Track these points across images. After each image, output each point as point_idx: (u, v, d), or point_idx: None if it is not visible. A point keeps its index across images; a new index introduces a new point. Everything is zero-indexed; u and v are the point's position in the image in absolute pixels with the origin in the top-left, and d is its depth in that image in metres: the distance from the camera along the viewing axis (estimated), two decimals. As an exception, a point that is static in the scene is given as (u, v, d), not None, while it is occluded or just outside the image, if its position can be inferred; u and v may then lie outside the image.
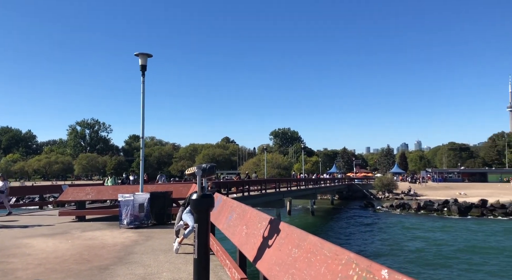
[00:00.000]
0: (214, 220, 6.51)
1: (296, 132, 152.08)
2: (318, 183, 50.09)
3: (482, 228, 31.80)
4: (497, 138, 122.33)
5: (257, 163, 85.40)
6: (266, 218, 3.95)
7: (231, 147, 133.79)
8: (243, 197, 25.24)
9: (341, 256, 2.28)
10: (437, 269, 19.11)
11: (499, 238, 27.51)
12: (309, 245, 2.77)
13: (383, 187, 64.28)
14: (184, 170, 6.96)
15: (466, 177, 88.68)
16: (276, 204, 32.41)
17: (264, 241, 3.64)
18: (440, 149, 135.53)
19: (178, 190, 13.23)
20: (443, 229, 31.46)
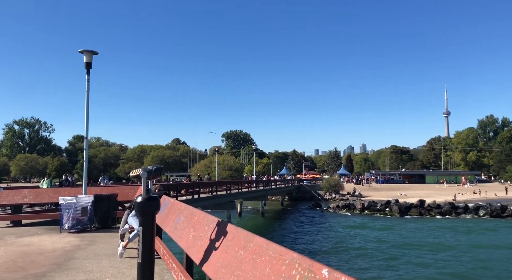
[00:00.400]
0: (161, 223, 6.36)
1: (248, 134, 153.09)
2: (268, 184, 50.67)
3: (420, 227, 33.88)
4: (434, 142, 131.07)
5: (209, 165, 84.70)
6: (213, 220, 3.92)
7: (181, 148, 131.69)
8: (193, 199, 24.88)
9: (285, 257, 2.31)
10: (378, 265, 20.07)
11: (435, 235, 29.47)
12: (255, 246, 2.79)
13: (330, 188, 66.47)
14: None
15: (406, 178, 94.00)
16: (226, 206, 32.32)
17: (211, 244, 3.61)
18: (383, 152, 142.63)
19: (124, 193, 12.77)
20: (385, 228, 33.10)
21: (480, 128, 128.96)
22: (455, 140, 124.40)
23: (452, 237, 28.84)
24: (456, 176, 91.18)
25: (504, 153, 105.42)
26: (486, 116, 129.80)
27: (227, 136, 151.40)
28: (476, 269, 19.25)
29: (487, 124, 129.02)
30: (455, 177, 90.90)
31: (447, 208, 43.60)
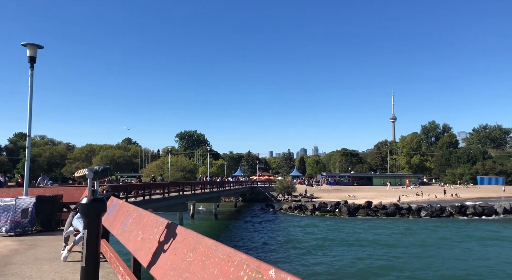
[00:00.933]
0: (108, 225, 6.14)
1: (202, 135, 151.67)
2: (222, 186, 50.50)
3: (366, 226, 35.35)
4: (382, 146, 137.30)
5: (161, 166, 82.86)
6: (163, 222, 3.85)
7: (133, 148, 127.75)
8: (144, 201, 24.27)
9: (234, 258, 2.33)
10: (325, 262, 20.73)
11: (377, 234, 30.93)
12: (205, 248, 2.77)
13: (283, 190, 67.45)
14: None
15: (355, 180, 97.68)
16: (179, 207, 31.82)
17: (159, 246, 3.54)
18: (334, 155, 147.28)
19: (70, 194, 12.18)
20: (333, 229, 34.18)
21: (423, 133, 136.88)
22: (400, 144, 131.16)
23: (392, 235, 30.65)
24: (401, 179, 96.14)
25: (444, 157, 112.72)
26: (429, 122, 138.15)
27: (181, 136, 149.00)
28: (407, 263, 21.22)
29: (430, 130, 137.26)
30: (400, 179, 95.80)
31: (392, 209, 45.82)
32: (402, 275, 18.90)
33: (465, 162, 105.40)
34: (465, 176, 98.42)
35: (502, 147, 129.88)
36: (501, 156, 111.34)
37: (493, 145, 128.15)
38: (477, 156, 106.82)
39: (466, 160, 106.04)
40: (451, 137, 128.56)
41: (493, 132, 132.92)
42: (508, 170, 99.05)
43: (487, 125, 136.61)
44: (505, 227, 35.72)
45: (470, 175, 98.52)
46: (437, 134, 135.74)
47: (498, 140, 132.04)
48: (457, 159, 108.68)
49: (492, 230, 33.45)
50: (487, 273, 19.22)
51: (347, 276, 18.82)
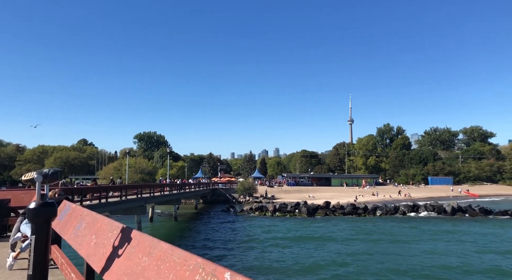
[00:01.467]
0: (60, 230, 5.87)
1: (162, 136, 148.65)
2: (182, 188, 49.78)
3: (324, 226, 36.19)
4: (340, 147, 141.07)
5: (119, 168, 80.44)
6: (118, 226, 3.73)
7: (88, 150, 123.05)
8: (100, 204, 23.45)
9: (190, 262, 2.30)
10: (284, 263, 20.95)
11: (335, 231, 31.74)
12: (160, 252, 2.72)
13: (245, 191, 67.58)
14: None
15: (314, 181, 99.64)
16: (137, 210, 31.01)
17: (114, 251, 3.43)
18: (295, 156, 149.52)
19: (19, 198, 11.51)
20: (292, 229, 34.72)
21: (379, 135, 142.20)
22: (357, 145, 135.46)
23: (347, 234, 31.86)
24: (358, 179, 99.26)
25: (398, 158, 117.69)
26: (384, 125, 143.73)
27: (140, 137, 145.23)
28: (358, 259, 22.32)
29: (385, 132, 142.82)
30: (357, 180, 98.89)
31: (349, 209, 47.20)
32: (350, 270, 19.90)
33: (417, 163, 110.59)
34: (417, 176, 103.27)
35: (451, 148, 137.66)
36: (450, 157, 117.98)
37: (442, 147, 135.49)
38: (428, 157, 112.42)
39: (418, 161, 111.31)
40: (405, 139, 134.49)
41: (442, 134, 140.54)
42: (456, 170, 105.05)
43: (437, 128, 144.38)
44: (453, 224, 37.85)
45: (422, 175, 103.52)
46: (391, 136, 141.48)
47: (447, 142, 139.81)
48: (410, 160, 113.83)
49: (441, 227, 35.34)
50: (430, 265, 20.30)
51: (302, 272, 19.58)
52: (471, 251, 24.81)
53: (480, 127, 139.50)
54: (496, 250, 25.17)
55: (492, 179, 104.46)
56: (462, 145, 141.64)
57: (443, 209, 45.97)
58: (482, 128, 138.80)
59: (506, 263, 21.49)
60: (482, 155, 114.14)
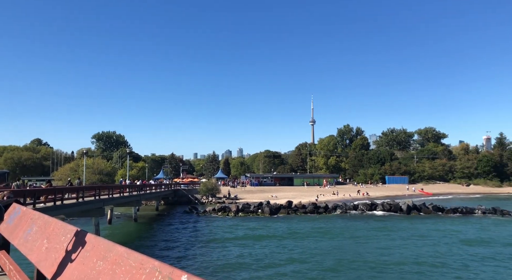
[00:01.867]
0: (8, 235, 5.55)
1: (122, 136, 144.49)
2: (143, 189, 48.61)
3: (286, 225, 36.63)
4: (302, 147, 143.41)
5: (75, 169, 77.30)
6: (71, 230, 3.59)
7: (43, 150, 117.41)
8: (55, 206, 22.43)
9: (146, 265, 2.25)
10: (243, 262, 21.06)
11: (294, 229, 32.27)
12: (116, 256, 2.64)
13: (208, 192, 67.06)
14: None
15: (277, 181, 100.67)
16: (95, 213, 29.91)
17: (67, 256, 3.30)
18: (258, 156, 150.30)
19: (-37, 201, 10.76)
20: (255, 228, 34.91)
21: (339, 136, 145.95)
22: (319, 146, 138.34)
23: (306, 232, 32.56)
24: (319, 179, 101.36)
25: (357, 158, 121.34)
26: (344, 126, 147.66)
27: (98, 137, 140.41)
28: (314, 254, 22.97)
29: (345, 133, 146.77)
30: (318, 179, 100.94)
31: (311, 208, 48.07)
32: (307, 266, 20.51)
33: (375, 163, 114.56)
34: (375, 176, 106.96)
35: (407, 149, 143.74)
36: (406, 157, 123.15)
37: (399, 147, 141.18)
38: (386, 157, 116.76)
39: (376, 161, 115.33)
40: (363, 140, 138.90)
41: (399, 135, 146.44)
42: (411, 170, 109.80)
43: (394, 129, 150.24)
44: (408, 222, 39.53)
45: (380, 175, 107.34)
46: (351, 136, 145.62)
47: (403, 142, 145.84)
48: (368, 160, 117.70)
49: (396, 225, 36.81)
50: (383, 260, 21.13)
51: (261, 269, 20.01)
52: (424, 246, 26.04)
53: (434, 128, 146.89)
54: (447, 245, 26.58)
55: (444, 178, 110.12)
56: (417, 146, 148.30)
57: (399, 208, 47.83)
58: (435, 129, 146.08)
59: (453, 257, 22.74)
60: (435, 155, 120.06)
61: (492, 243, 27.30)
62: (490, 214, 44.02)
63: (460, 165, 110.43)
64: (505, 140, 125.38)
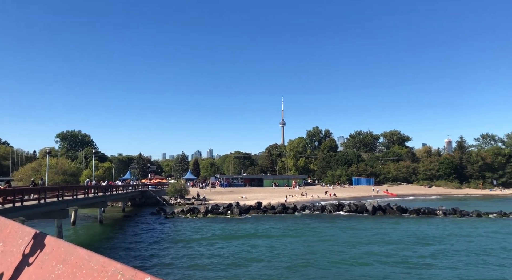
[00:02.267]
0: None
1: (87, 135, 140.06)
2: (109, 190, 47.34)
3: (254, 225, 36.74)
4: (272, 149, 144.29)
5: (38, 169, 74.29)
6: (29, 232, 3.44)
7: (2, 149, 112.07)
8: (14, 208, 21.47)
9: (108, 268, 2.20)
10: (207, 261, 20.99)
11: (262, 229, 32.46)
12: (76, 259, 2.56)
13: (176, 193, 66.14)
14: None
15: (247, 182, 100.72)
16: (58, 214, 28.85)
17: (24, 259, 3.16)
18: (228, 157, 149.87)
19: None
20: (221, 228, 34.81)
21: (308, 138, 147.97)
22: (289, 147, 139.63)
23: (274, 232, 32.93)
24: (288, 180, 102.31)
25: (325, 160, 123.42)
26: (313, 128, 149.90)
27: (62, 136, 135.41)
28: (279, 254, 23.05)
29: (314, 134, 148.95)
30: (288, 180, 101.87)
31: (280, 209, 48.44)
32: (271, 265, 20.93)
33: (342, 165, 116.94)
34: (343, 177, 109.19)
35: (373, 151, 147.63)
36: (372, 159, 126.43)
37: (365, 149, 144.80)
38: (353, 159, 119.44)
39: (344, 163, 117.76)
40: (332, 142, 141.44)
41: (365, 138, 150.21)
42: (377, 171, 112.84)
43: (361, 132, 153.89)
44: (373, 221, 40.60)
45: (347, 176, 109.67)
46: (320, 138, 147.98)
47: (369, 145, 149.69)
48: (336, 161, 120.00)
49: (362, 225, 37.74)
50: (348, 258, 21.66)
51: (225, 269, 20.22)
52: (385, 245, 26.84)
53: (398, 131, 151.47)
54: (408, 243, 27.53)
55: (408, 179, 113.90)
56: (382, 148, 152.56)
57: (365, 208, 49.03)
58: (400, 132, 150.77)
59: (414, 254, 23.59)
60: (400, 158, 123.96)
61: (450, 241, 28.53)
62: (450, 215, 45.92)
63: (423, 167, 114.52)
64: (465, 144, 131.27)
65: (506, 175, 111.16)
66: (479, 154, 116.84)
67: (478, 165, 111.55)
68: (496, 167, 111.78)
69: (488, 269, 20.70)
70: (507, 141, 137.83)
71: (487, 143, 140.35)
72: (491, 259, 22.86)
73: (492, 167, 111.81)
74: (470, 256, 23.76)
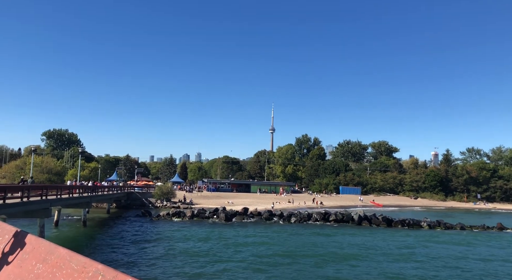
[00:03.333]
0: None
1: (75, 134, 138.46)
2: (94, 191, 46.73)
3: (239, 232, 36.59)
4: (261, 155, 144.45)
5: (22, 167, 73.01)
6: (10, 230, 3.38)
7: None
8: (-5, 206, 21.02)
9: (89, 269, 2.17)
10: (198, 267, 20.77)
11: (249, 235, 32.34)
12: (57, 258, 2.52)
13: (162, 196, 65.60)
14: None
15: (235, 187, 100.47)
16: (40, 213, 28.34)
17: (3, 258, 3.10)
18: (216, 162, 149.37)
19: None
20: (207, 233, 34.62)
21: (297, 145, 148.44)
22: (277, 154, 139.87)
23: (259, 239, 32.79)
24: (276, 186, 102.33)
25: (313, 168, 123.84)
26: (302, 135, 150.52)
27: (49, 135, 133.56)
28: (262, 262, 23.13)
29: (302, 142, 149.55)
30: (275, 187, 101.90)
31: (266, 215, 48.35)
32: (252, 272, 20.72)
33: (330, 173, 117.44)
34: (330, 185, 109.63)
35: (361, 161, 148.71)
36: (359, 169, 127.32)
37: (353, 159, 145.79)
38: (341, 168, 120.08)
39: (331, 171, 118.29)
40: (320, 150, 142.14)
41: (354, 147, 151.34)
42: (364, 181, 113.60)
43: (349, 141, 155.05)
44: (359, 232, 40.77)
45: (334, 185, 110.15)
46: (308, 146, 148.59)
47: (357, 154, 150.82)
48: (324, 170, 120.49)
49: (347, 235, 37.87)
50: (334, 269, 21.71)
51: (207, 275, 19.99)
52: (374, 257, 26.95)
53: (386, 142, 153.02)
54: (395, 256, 27.70)
55: (394, 190, 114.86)
56: (370, 158, 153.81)
57: (351, 218, 49.18)
58: (388, 143, 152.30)
59: (397, 267, 23.74)
60: (387, 168, 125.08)
61: (437, 255, 28.79)
62: (435, 227, 46.35)
63: (409, 179, 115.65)
64: (451, 157, 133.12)
65: (490, 189, 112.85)
66: (465, 167, 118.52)
67: (463, 178, 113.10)
68: (480, 181, 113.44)
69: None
70: (492, 156, 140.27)
71: (472, 157, 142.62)
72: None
73: (476, 181, 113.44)
74: (448, 268, 24.00)
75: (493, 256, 28.80)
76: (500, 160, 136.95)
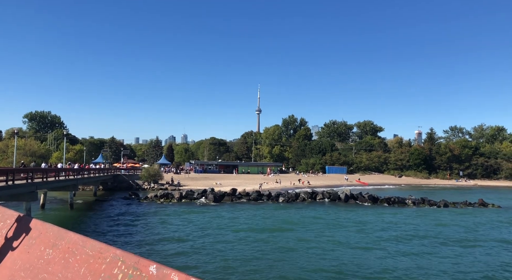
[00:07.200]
0: None
1: (58, 116, 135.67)
2: (80, 173, 46.19)
3: (229, 212, 36.86)
4: (247, 136, 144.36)
5: (4, 150, 71.59)
6: (12, 215, 3.25)
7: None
8: (-21, 190, 20.61)
9: (106, 254, 2.09)
10: (189, 249, 20.93)
11: (237, 217, 32.65)
12: (69, 244, 2.43)
13: (150, 178, 65.35)
14: None
15: (222, 168, 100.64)
16: (26, 197, 27.97)
17: (7, 243, 2.99)
18: (203, 143, 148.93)
19: None
20: (196, 214, 34.85)
21: (284, 126, 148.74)
22: (264, 135, 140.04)
23: (247, 219, 33.04)
24: (263, 167, 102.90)
25: (300, 148, 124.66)
26: (289, 116, 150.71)
27: (31, 117, 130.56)
28: (250, 242, 23.08)
29: (289, 123, 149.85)
30: (262, 168, 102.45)
31: (255, 196, 48.72)
32: (243, 252, 20.95)
33: (316, 153, 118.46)
34: (317, 165, 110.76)
35: (346, 140, 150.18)
36: (345, 149, 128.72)
37: (339, 139, 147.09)
38: (327, 148, 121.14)
39: (318, 151, 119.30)
40: (307, 130, 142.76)
41: (339, 127, 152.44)
42: (350, 161, 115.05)
43: (335, 121, 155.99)
44: (346, 210, 41.52)
45: (321, 164, 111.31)
46: (295, 127, 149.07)
47: (343, 134, 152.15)
48: (311, 150, 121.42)
49: (335, 213, 38.55)
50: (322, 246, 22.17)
51: (201, 258, 19.86)
52: (353, 232, 27.56)
53: (371, 121, 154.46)
54: (378, 232, 28.37)
55: (379, 169, 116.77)
56: (355, 138, 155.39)
57: (338, 196, 49.99)
58: (373, 123, 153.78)
59: (381, 243, 24.37)
60: (372, 147, 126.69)
61: (422, 231, 29.59)
62: (420, 204, 47.50)
63: (394, 157, 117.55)
64: (434, 135, 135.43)
65: (471, 166, 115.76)
66: (448, 146, 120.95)
67: (446, 156, 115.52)
68: (463, 159, 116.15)
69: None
70: (474, 133, 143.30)
71: (455, 135, 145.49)
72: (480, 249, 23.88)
73: (459, 158, 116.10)
74: (440, 244, 24.74)
75: (477, 227, 29.79)
76: (482, 138, 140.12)
